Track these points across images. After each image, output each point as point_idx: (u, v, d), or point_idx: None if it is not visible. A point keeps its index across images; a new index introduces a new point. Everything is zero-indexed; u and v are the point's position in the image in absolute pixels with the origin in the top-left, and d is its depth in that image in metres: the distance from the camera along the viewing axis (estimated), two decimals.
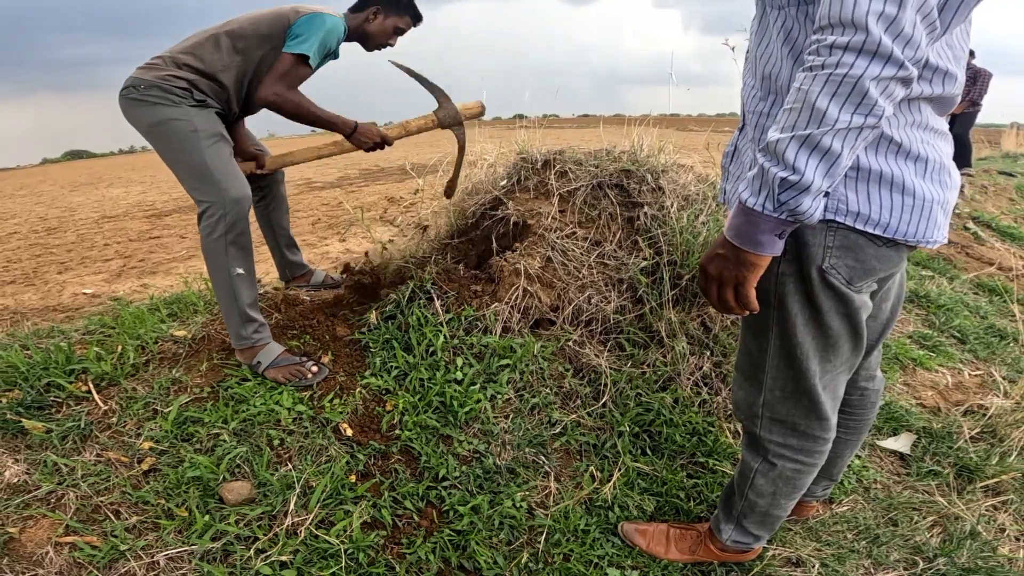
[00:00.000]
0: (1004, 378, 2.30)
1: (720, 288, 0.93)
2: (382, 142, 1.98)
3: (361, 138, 1.96)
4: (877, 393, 1.40)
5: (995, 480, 1.76)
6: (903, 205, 0.91)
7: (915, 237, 0.93)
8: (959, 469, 1.82)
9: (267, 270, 3.15)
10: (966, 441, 1.90)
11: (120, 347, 1.98)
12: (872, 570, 1.48)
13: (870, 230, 0.92)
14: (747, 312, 0.94)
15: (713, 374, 1.86)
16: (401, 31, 2.06)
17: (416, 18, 2.08)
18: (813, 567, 1.47)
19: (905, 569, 1.48)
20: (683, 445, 1.73)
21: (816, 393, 1.11)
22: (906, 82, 0.75)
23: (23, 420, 1.65)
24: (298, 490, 1.46)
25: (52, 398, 1.77)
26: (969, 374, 2.34)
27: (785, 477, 1.23)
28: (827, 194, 0.81)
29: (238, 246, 1.77)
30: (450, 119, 1.99)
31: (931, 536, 1.59)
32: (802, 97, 0.78)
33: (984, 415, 2.02)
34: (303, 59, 1.80)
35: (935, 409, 2.10)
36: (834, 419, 1.18)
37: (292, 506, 1.43)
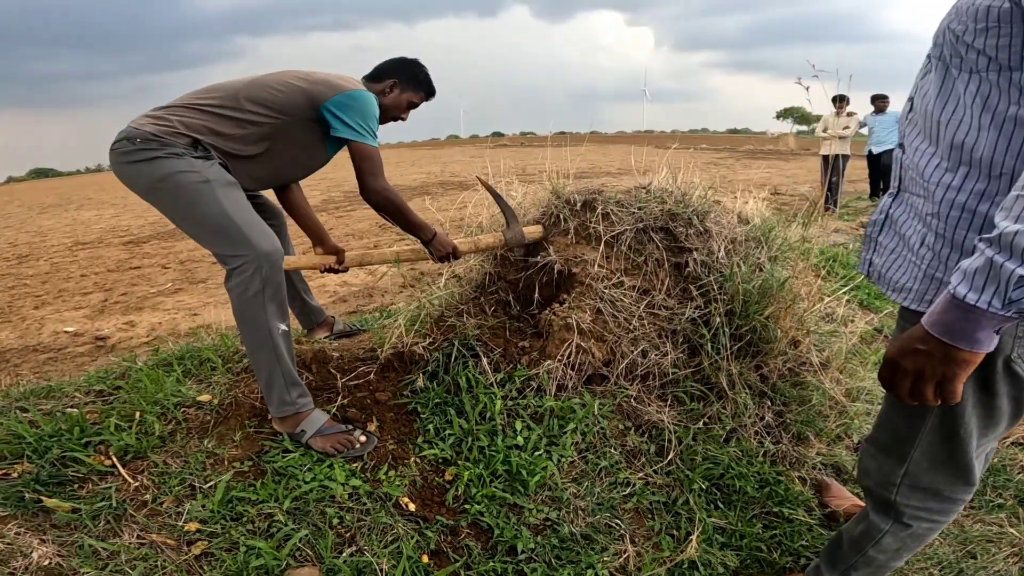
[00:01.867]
0: None
1: (918, 383, 0.85)
2: (453, 253, 1.95)
3: (437, 246, 1.92)
4: (994, 449, 1.40)
5: None
6: None
7: None
8: (1021, 500, 1.84)
9: None
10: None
11: (139, 414, 1.85)
12: None
13: None
14: (940, 403, 0.86)
15: (774, 423, 1.83)
16: (414, 105, 2.02)
17: (430, 94, 2.04)
18: None
19: None
20: (755, 496, 1.70)
21: (972, 464, 1.09)
22: None
23: (43, 498, 1.52)
24: None
25: (71, 473, 1.64)
26: None
27: (917, 536, 1.20)
28: None
29: (276, 302, 1.64)
30: (516, 241, 2.06)
31: (1011, 565, 1.60)
32: None
33: None
34: (373, 147, 1.76)
35: None
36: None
37: None
